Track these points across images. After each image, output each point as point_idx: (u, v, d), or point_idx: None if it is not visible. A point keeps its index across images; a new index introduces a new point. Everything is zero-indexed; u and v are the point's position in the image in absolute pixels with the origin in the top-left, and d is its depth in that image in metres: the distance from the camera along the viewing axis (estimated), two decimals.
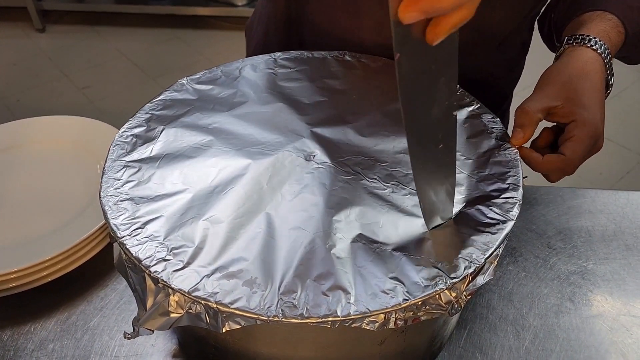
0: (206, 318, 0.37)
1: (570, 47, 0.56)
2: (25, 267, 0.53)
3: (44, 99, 2.10)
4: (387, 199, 0.45)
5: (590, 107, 0.52)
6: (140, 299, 0.40)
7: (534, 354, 0.53)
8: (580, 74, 0.53)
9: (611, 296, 0.58)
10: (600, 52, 0.55)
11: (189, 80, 0.58)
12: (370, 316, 0.37)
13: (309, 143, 0.50)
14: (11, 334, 0.54)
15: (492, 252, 0.41)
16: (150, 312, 0.38)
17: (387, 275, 0.39)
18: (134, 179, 0.46)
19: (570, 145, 0.51)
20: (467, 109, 0.55)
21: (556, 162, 0.51)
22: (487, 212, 0.44)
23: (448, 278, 0.39)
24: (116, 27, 2.52)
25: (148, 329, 0.38)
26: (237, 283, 0.38)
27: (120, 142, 0.50)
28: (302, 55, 0.62)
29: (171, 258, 0.39)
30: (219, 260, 0.40)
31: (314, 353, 0.44)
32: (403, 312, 0.37)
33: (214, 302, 0.37)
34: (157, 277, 0.38)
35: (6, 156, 0.68)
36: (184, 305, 0.38)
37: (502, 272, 0.60)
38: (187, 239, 0.41)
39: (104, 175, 0.46)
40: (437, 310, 0.39)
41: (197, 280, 0.38)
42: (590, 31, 0.56)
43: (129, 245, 0.40)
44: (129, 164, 0.48)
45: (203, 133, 0.51)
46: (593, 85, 0.53)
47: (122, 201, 0.44)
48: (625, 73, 2.24)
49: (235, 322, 0.37)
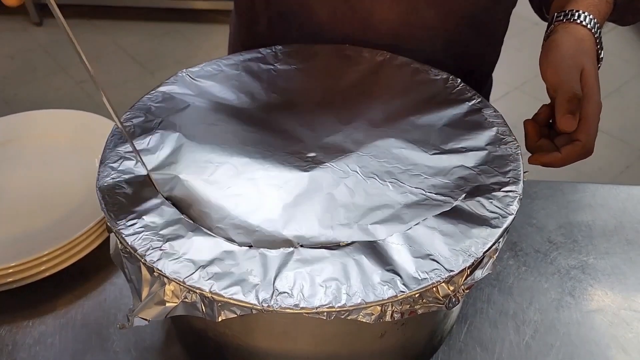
0: (202, 307, 0.37)
1: (561, 24, 0.56)
2: (24, 261, 0.53)
3: (42, 92, 2.09)
4: (383, 194, 0.45)
5: (592, 87, 0.52)
6: (136, 289, 0.40)
7: (534, 348, 0.53)
8: (578, 53, 0.53)
9: (612, 291, 0.58)
10: (590, 27, 0.54)
11: (188, 72, 0.57)
12: (366, 308, 0.36)
13: (308, 145, 0.50)
14: (10, 328, 0.54)
15: (490, 245, 0.40)
16: (146, 301, 0.38)
17: (383, 267, 0.39)
18: (130, 169, 0.46)
19: (582, 130, 0.51)
20: (467, 103, 0.54)
21: (576, 151, 0.51)
22: (487, 205, 0.44)
23: (445, 271, 0.38)
24: (114, 21, 2.50)
25: (143, 319, 0.38)
26: (232, 273, 0.38)
27: (118, 132, 0.49)
28: (303, 49, 0.62)
29: (167, 248, 0.39)
30: (215, 251, 0.40)
31: (314, 347, 0.44)
32: (399, 304, 0.37)
33: (209, 291, 0.37)
34: (153, 266, 0.38)
35: (3, 150, 0.68)
36: (180, 295, 0.38)
37: (503, 266, 0.60)
38: (184, 230, 0.41)
39: (101, 165, 0.46)
40: (435, 303, 0.38)
41: (192, 269, 0.38)
42: (580, 6, 0.55)
43: (124, 235, 0.40)
44: (127, 154, 0.47)
45: (202, 127, 0.51)
46: (592, 62, 0.53)
47: (119, 191, 0.44)
48: (625, 67, 2.24)
49: (231, 312, 0.37)
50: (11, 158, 0.67)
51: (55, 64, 2.22)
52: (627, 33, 2.44)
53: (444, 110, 0.53)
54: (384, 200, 0.44)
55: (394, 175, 0.47)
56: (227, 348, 0.46)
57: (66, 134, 0.69)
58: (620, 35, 2.41)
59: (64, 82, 2.14)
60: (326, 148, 0.49)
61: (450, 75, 0.57)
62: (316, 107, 0.55)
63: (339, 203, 0.44)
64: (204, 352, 0.50)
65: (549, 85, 0.53)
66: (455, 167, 0.47)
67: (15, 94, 2.08)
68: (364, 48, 0.62)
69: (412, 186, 0.45)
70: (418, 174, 0.47)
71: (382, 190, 0.45)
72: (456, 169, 0.47)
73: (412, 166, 0.47)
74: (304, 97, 0.56)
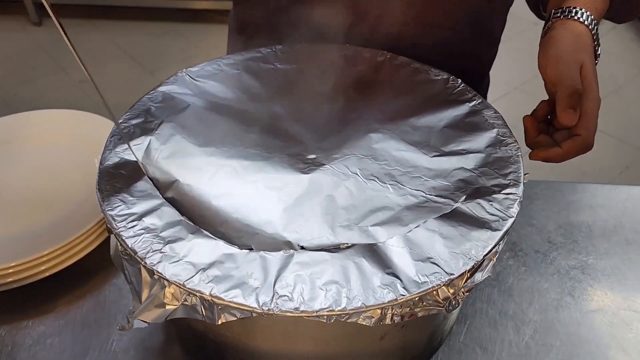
0: (202, 310, 0.37)
1: (559, 21, 0.56)
2: (23, 261, 0.53)
3: (41, 92, 2.09)
4: (383, 196, 0.45)
5: (592, 82, 0.52)
6: (136, 291, 0.40)
7: (534, 348, 0.53)
8: (576, 48, 0.54)
9: (611, 291, 0.58)
10: (587, 23, 0.55)
11: (188, 72, 0.57)
12: (366, 311, 0.36)
13: (308, 147, 0.50)
14: (9, 329, 0.54)
15: (491, 249, 0.40)
16: (146, 303, 0.38)
17: (384, 270, 0.39)
18: (129, 171, 0.46)
19: (582, 124, 0.51)
20: (468, 104, 0.54)
21: (576, 146, 0.52)
22: (488, 208, 0.44)
23: (446, 274, 0.38)
24: (113, 21, 2.50)
25: (143, 321, 0.38)
26: (233, 276, 0.38)
27: (117, 133, 0.49)
28: (304, 48, 0.62)
29: (167, 250, 0.39)
30: (215, 254, 0.39)
31: (314, 348, 0.44)
32: (400, 307, 0.37)
33: (210, 294, 0.37)
34: (153, 269, 0.38)
35: (3, 150, 0.67)
36: (180, 297, 0.38)
37: (503, 266, 0.60)
38: (184, 232, 0.41)
39: (101, 167, 0.46)
40: (434, 306, 0.38)
41: (193, 272, 0.38)
42: (576, 2, 0.56)
43: (125, 237, 0.40)
44: (126, 155, 0.47)
45: (201, 129, 0.51)
46: (590, 57, 0.54)
47: (119, 193, 0.44)
48: (625, 68, 2.24)
49: (231, 314, 0.37)
50: (11, 158, 0.67)
51: (54, 64, 2.22)
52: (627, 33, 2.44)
53: (444, 111, 0.53)
54: (384, 202, 0.44)
55: (394, 178, 0.47)
56: (227, 349, 0.46)
57: (66, 134, 0.68)
58: (620, 35, 2.41)
59: (63, 82, 2.13)
60: (326, 150, 0.49)
61: (451, 76, 0.57)
62: (316, 107, 0.55)
63: (339, 205, 0.44)
64: (203, 354, 0.50)
65: (547, 81, 0.53)
66: (456, 169, 0.47)
67: (14, 94, 2.07)
68: (365, 48, 0.62)
69: (412, 188, 0.45)
70: (418, 176, 0.47)
71: (382, 192, 0.45)
72: (456, 171, 0.47)
73: (412, 168, 0.47)
74: (304, 97, 0.56)
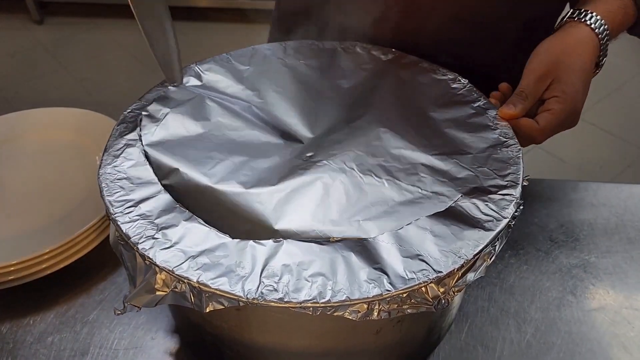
0: (190, 297, 0.38)
1: (570, 22, 0.57)
2: (25, 259, 0.53)
3: (43, 90, 2.09)
4: (379, 191, 0.45)
5: (574, 86, 0.53)
6: (131, 276, 0.40)
7: (535, 347, 0.53)
8: (572, 52, 0.54)
9: (613, 289, 0.58)
10: (597, 31, 0.55)
11: (197, 66, 0.57)
12: (352, 305, 0.36)
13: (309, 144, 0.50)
14: (10, 326, 0.54)
15: (482, 249, 0.40)
16: (138, 289, 0.39)
17: (371, 265, 0.38)
18: (132, 158, 0.46)
19: (546, 116, 0.53)
20: (472, 104, 0.54)
21: (529, 127, 0.52)
22: (483, 208, 0.43)
23: (433, 272, 0.38)
24: (115, 19, 2.50)
25: (135, 306, 0.39)
26: (221, 264, 0.38)
27: (124, 121, 0.50)
28: (312, 45, 0.62)
29: (160, 237, 0.40)
30: (206, 242, 0.40)
31: (309, 342, 0.44)
32: (387, 303, 0.37)
33: (197, 281, 0.37)
34: (144, 254, 0.38)
35: (5, 148, 0.68)
36: (170, 284, 0.38)
37: (504, 265, 0.60)
38: (178, 219, 0.41)
39: (105, 154, 0.47)
40: (423, 304, 0.38)
41: (183, 259, 0.38)
42: (596, 9, 0.56)
43: (120, 222, 0.41)
44: (130, 142, 0.48)
45: (205, 123, 0.51)
46: (582, 65, 0.54)
47: (119, 179, 0.44)
48: (627, 66, 2.23)
49: (219, 303, 0.37)
50: (12, 156, 0.67)
51: (56, 62, 2.22)
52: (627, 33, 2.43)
53: (448, 111, 0.53)
54: (378, 197, 0.44)
55: (391, 173, 0.46)
56: (223, 342, 0.46)
57: (67, 132, 0.69)
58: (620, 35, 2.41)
59: (64, 81, 2.13)
60: (326, 146, 0.49)
61: (458, 76, 0.57)
62: (321, 104, 0.55)
63: (332, 198, 0.44)
64: (201, 347, 0.50)
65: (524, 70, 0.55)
66: (454, 168, 0.47)
67: (16, 92, 2.07)
68: (373, 46, 0.62)
69: (408, 184, 0.45)
70: (415, 173, 0.46)
71: (377, 187, 0.45)
72: (455, 170, 0.47)
73: (410, 165, 0.47)
74: (310, 93, 0.56)
